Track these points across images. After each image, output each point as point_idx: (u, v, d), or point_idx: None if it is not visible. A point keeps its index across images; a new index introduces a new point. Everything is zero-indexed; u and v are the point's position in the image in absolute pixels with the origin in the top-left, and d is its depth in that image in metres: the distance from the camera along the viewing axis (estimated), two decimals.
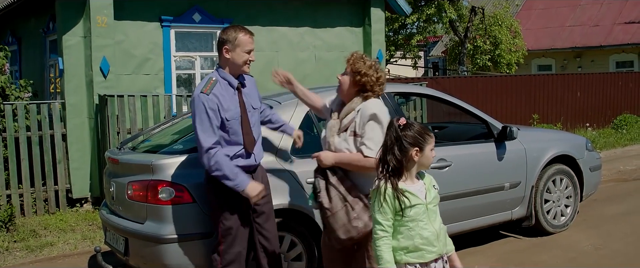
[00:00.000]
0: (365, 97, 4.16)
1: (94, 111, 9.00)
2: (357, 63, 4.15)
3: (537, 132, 8.00)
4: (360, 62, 4.15)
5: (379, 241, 3.23)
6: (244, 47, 4.27)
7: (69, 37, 8.99)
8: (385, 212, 3.22)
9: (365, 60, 4.18)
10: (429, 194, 3.31)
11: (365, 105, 4.11)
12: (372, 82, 4.14)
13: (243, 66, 4.31)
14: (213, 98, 4.15)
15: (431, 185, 3.35)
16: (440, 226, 3.34)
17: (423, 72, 34.42)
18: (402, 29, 24.66)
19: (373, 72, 4.15)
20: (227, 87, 4.27)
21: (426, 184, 3.34)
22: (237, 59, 4.28)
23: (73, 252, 6.97)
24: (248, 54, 4.30)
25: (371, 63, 4.20)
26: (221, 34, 4.35)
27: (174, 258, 4.58)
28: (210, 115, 4.12)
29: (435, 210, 3.32)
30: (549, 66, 27.10)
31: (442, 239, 3.32)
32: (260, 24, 10.62)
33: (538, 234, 6.77)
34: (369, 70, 4.14)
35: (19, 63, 12.10)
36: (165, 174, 4.58)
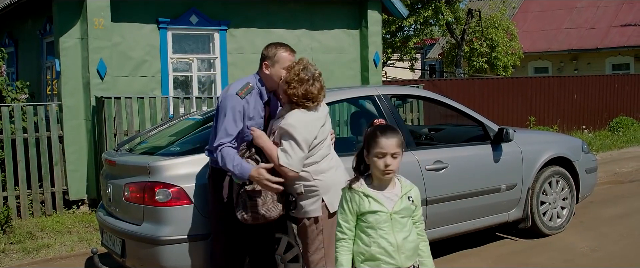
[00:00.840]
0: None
1: (90, 113, 8.99)
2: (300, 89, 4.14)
3: (533, 134, 8.02)
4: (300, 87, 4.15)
5: (337, 243, 3.18)
6: (283, 63, 4.32)
7: (66, 39, 8.99)
8: (345, 213, 3.16)
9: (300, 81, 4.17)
10: (398, 204, 3.14)
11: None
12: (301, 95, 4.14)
13: (279, 82, 4.34)
14: (244, 103, 4.25)
15: (406, 196, 3.17)
16: (407, 239, 3.14)
17: (420, 74, 34.46)
18: (399, 31, 24.72)
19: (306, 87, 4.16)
20: (257, 96, 4.36)
21: (401, 194, 3.17)
22: (275, 75, 4.34)
23: (70, 253, 6.97)
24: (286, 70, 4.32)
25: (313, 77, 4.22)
26: (263, 50, 4.47)
27: (170, 260, 4.58)
28: (236, 118, 4.21)
29: (403, 221, 3.14)
30: (546, 68, 27.16)
31: (405, 252, 3.12)
32: (257, 26, 10.63)
33: (534, 236, 6.78)
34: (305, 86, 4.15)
35: (15, 65, 12.09)
36: (162, 176, 4.59)
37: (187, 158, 4.77)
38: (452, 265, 5.97)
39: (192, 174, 4.63)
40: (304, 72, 4.15)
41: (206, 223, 4.55)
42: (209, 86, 10.58)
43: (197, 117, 6.02)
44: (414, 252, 3.20)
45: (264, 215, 4.12)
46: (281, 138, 4.08)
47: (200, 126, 5.67)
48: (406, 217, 3.16)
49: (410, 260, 3.17)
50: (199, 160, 4.71)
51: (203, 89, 10.57)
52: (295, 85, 4.12)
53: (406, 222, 3.16)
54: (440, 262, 5.88)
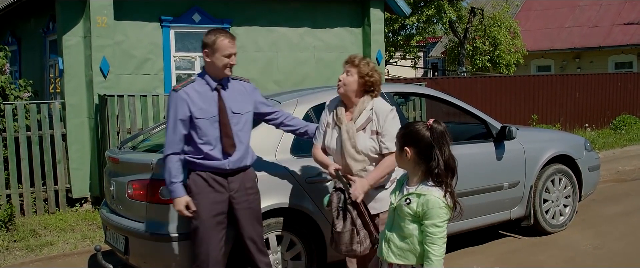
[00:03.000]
0: (372, 96, 4.33)
1: (93, 111, 9.01)
2: (365, 66, 4.30)
3: (536, 132, 8.02)
4: (366, 65, 4.31)
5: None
6: (223, 51, 4.26)
7: (69, 37, 9.00)
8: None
9: (369, 63, 4.35)
10: (397, 200, 3.23)
11: (378, 104, 4.31)
12: (378, 82, 4.34)
13: (224, 70, 4.30)
14: (182, 94, 4.22)
15: (406, 197, 3.17)
16: (401, 238, 3.19)
17: (422, 72, 34.45)
18: (401, 29, 24.68)
19: (377, 74, 4.35)
20: (204, 86, 4.30)
21: (406, 193, 3.20)
22: (217, 63, 4.28)
23: (73, 251, 6.99)
24: (228, 57, 4.28)
25: (373, 65, 4.39)
26: (203, 38, 4.37)
27: (174, 257, 4.59)
28: (177, 111, 4.20)
29: (402, 220, 3.18)
30: (548, 67, 27.14)
31: (392, 248, 3.22)
32: (259, 24, 10.64)
33: (537, 234, 6.78)
34: (374, 72, 4.33)
35: (18, 63, 12.11)
36: None
37: None
38: (454, 262, 5.97)
39: None
40: (371, 62, 4.41)
41: None
42: None
43: None
44: (410, 254, 3.17)
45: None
46: (384, 124, 4.25)
47: None
48: (407, 218, 3.15)
49: (399, 259, 3.19)
50: None
51: None
52: (376, 74, 4.35)
53: (407, 223, 3.15)
54: None
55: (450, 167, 3.13)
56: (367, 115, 4.29)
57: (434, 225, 3.06)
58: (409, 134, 3.20)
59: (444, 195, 3.09)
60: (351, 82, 4.31)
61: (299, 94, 5.46)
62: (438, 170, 3.09)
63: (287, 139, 5.02)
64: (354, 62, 4.32)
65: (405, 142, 3.19)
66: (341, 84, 4.35)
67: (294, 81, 10.77)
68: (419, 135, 3.15)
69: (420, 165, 3.16)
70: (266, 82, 10.64)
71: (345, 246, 4.24)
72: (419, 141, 3.14)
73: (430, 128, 3.14)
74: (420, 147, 3.13)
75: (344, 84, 4.33)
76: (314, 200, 4.93)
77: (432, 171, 3.11)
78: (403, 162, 3.23)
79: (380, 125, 4.25)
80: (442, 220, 3.07)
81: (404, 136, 3.22)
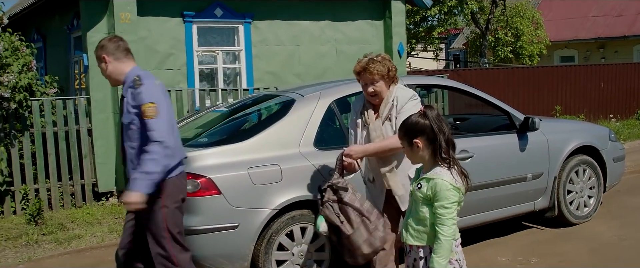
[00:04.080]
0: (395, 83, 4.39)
1: (118, 106, 9.11)
2: (384, 66, 4.25)
3: (560, 123, 7.98)
4: (384, 63, 4.27)
5: None
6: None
7: (93, 34, 9.11)
8: None
9: (384, 58, 4.33)
10: (412, 186, 3.43)
11: (400, 92, 4.33)
12: (394, 69, 4.33)
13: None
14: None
15: (417, 181, 3.37)
16: (417, 220, 3.37)
17: (444, 64, 34.29)
18: (423, 21, 24.61)
19: (389, 62, 4.32)
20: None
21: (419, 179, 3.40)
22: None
23: (100, 244, 7.10)
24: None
25: (380, 57, 4.35)
26: (106, 42, 4.32)
27: (199, 250, 4.65)
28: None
29: (416, 203, 3.37)
30: (572, 57, 26.87)
31: (409, 230, 3.41)
32: (280, 18, 10.68)
33: (561, 225, 6.76)
34: (387, 63, 4.29)
35: (44, 60, 12.27)
36: (191, 166, 4.66)
37: (215, 149, 4.84)
38: (477, 254, 5.98)
39: (220, 165, 4.70)
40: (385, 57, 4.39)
41: (234, 212, 4.62)
42: (234, 78, 10.66)
43: (223, 109, 6.09)
44: (425, 235, 3.36)
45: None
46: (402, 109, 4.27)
47: (226, 118, 5.74)
48: (420, 202, 3.33)
49: (415, 241, 3.39)
50: (227, 152, 4.79)
51: (228, 81, 10.65)
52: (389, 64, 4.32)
53: (420, 206, 3.33)
54: (466, 251, 5.82)
55: (451, 142, 3.35)
56: (389, 105, 4.30)
57: (443, 207, 3.23)
58: (411, 127, 3.36)
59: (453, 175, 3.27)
60: (382, 89, 4.28)
61: (322, 87, 5.49)
62: (443, 149, 3.29)
63: (310, 132, 5.06)
64: (374, 69, 4.23)
65: (412, 136, 3.35)
66: (375, 96, 4.31)
67: (315, 74, 10.80)
68: (420, 124, 3.33)
69: (428, 150, 3.33)
70: (287, 75, 10.69)
71: (367, 242, 4.13)
72: (424, 129, 3.31)
73: (425, 114, 3.33)
74: (427, 134, 3.31)
75: (376, 94, 4.30)
76: None
77: (439, 151, 3.29)
78: (415, 155, 3.39)
79: (397, 109, 4.24)
80: (450, 202, 3.24)
81: (408, 132, 3.38)
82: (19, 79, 8.20)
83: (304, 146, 5.03)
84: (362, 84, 4.33)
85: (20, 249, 6.98)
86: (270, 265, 4.82)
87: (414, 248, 3.42)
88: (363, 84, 4.32)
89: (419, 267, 3.39)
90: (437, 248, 3.22)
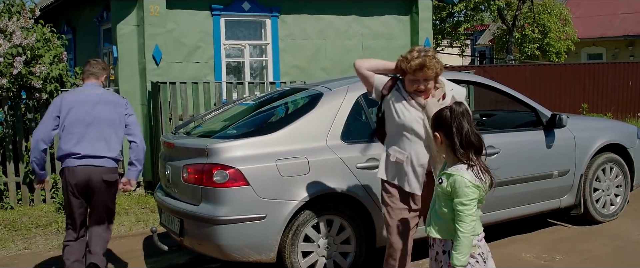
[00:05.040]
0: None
1: (146, 98, 9.23)
2: (439, 62, 4.14)
3: (587, 120, 7.94)
4: (437, 59, 4.15)
5: None
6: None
7: (123, 26, 9.23)
8: None
9: (433, 52, 4.19)
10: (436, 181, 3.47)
11: (456, 89, 4.37)
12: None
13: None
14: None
15: (439, 176, 3.43)
16: (439, 214, 3.41)
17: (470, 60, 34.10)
18: (449, 17, 24.54)
19: (437, 62, 4.18)
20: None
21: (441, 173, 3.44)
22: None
23: (128, 233, 7.22)
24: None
25: (431, 49, 4.23)
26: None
27: (227, 239, 4.72)
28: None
29: (440, 197, 3.39)
30: (600, 55, 26.58)
31: (432, 224, 3.46)
32: (307, 12, 10.72)
33: (586, 223, 6.73)
34: (436, 63, 4.15)
35: (73, 51, 12.45)
36: (220, 158, 4.73)
37: (244, 141, 4.90)
38: (502, 250, 5.97)
39: (249, 156, 4.76)
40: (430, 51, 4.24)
41: (262, 204, 4.69)
42: (261, 71, 10.73)
43: (249, 102, 6.15)
44: (445, 230, 3.40)
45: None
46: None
47: (253, 111, 5.80)
48: (441, 196, 3.38)
49: (438, 234, 3.42)
50: (256, 143, 4.85)
51: (255, 74, 10.73)
52: (437, 64, 4.20)
53: (441, 200, 3.38)
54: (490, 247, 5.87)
55: (472, 144, 3.30)
56: (451, 94, 4.19)
57: (461, 203, 3.25)
58: (436, 119, 3.43)
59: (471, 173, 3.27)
60: (433, 86, 4.19)
61: (349, 81, 5.52)
62: (458, 147, 3.29)
63: (337, 125, 5.09)
64: (431, 67, 4.08)
65: (435, 128, 3.42)
66: (424, 92, 4.17)
67: (341, 69, 10.83)
68: (442, 118, 3.37)
69: (448, 146, 3.35)
70: (314, 69, 10.74)
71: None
72: (444, 123, 3.35)
73: (451, 109, 3.35)
74: (446, 129, 3.33)
75: (427, 91, 4.17)
76: (363, 186, 5.01)
77: (456, 149, 3.30)
78: (437, 147, 3.47)
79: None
80: (468, 199, 3.25)
81: (433, 122, 3.45)
82: (51, 69, 8.35)
83: (331, 139, 5.07)
84: (413, 79, 4.12)
85: (50, 236, 7.12)
86: (296, 256, 4.88)
87: (437, 241, 3.45)
88: (414, 79, 4.11)
89: (441, 260, 3.42)
90: (457, 245, 3.24)
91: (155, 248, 5.62)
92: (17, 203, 8.40)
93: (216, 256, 4.97)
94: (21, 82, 8.13)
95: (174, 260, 6.09)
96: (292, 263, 4.86)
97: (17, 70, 7.86)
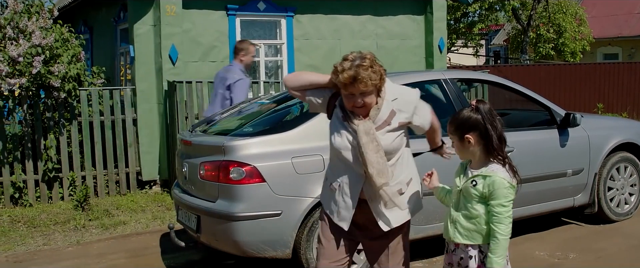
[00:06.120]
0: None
1: (163, 97, 9.33)
2: (376, 72, 3.29)
3: (601, 119, 7.95)
4: (375, 68, 3.29)
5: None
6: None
7: (140, 26, 9.33)
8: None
9: (372, 60, 3.31)
10: (463, 183, 3.32)
11: (397, 90, 3.47)
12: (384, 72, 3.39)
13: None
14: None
15: (471, 179, 3.27)
16: (467, 218, 3.28)
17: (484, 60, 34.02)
18: (463, 17, 24.50)
19: (381, 66, 3.37)
20: None
21: (471, 176, 3.30)
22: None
23: (145, 230, 7.31)
24: None
25: (370, 55, 3.36)
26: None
27: (243, 235, 4.80)
28: None
29: (468, 201, 3.28)
30: (616, 55, 26.45)
31: (459, 229, 3.30)
32: (322, 12, 10.78)
33: (601, 222, 6.75)
34: (380, 67, 3.35)
35: (90, 51, 12.57)
36: (237, 155, 4.80)
37: (260, 138, 4.97)
38: (516, 248, 5.99)
39: (265, 154, 4.83)
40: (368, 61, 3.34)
41: (278, 200, 4.75)
42: (276, 71, 10.80)
43: (265, 101, 6.22)
44: (476, 234, 3.28)
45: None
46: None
47: (269, 109, 5.87)
48: (472, 199, 3.27)
49: (466, 239, 3.29)
50: (271, 141, 4.92)
51: (270, 73, 10.80)
52: (379, 68, 3.35)
53: (473, 204, 3.27)
54: None
55: (504, 140, 3.30)
56: (390, 107, 3.38)
57: (501, 205, 3.18)
58: (464, 122, 3.29)
59: (507, 172, 3.22)
60: (373, 100, 3.34)
61: None
62: (495, 145, 3.24)
63: None
64: (363, 81, 3.23)
65: (464, 131, 3.28)
66: (364, 108, 3.34)
67: None
68: (472, 119, 3.26)
69: (480, 146, 3.27)
70: (328, 69, 10.58)
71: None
72: (477, 125, 3.25)
73: (478, 109, 3.27)
74: (480, 129, 3.25)
75: (365, 106, 3.33)
76: None
77: (492, 147, 3.24)
78: (465, 151, 3.32)
79: (407, 112, 3.41)
80: (508, 200, 3.19)
81: (459, 127, 3.30)
82: (69, 69, 8.46)
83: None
84: (346, 94, 3.32)
85: (68, 233, 7.23)
86: (312, 252, 4.93)
87: (461, 246, 3.33)
88: (347, 94, 3.31)
89: (467, 265, 3.31)
90: (496, 248, 3.17)
91: (172, 244, 5.71)
92: (35, 200, 8.53)
93: (233, 252, 5.04)
94: (40, 81, 8.25)
95: (191, 256, 6.17)
96: (308, 259, 4.92)
97: (37, 69, 7.98)
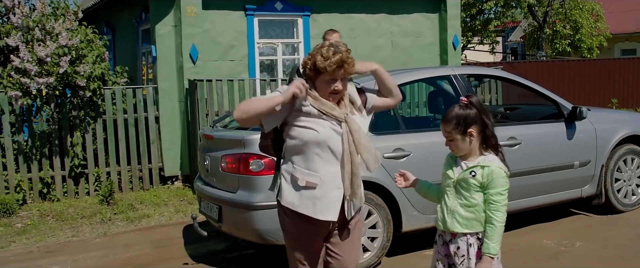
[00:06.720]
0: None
1: (184, 95, 9.62)
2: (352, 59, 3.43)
3: (609, 112, 8.11)
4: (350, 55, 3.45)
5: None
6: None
7: (161, 27, 9.64)
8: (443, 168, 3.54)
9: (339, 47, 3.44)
10: (460, 174, 3.39)
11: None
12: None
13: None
14: None
15: (470, 169, 3.37)
16: (465, 207, 3.38)
17: (501, 57, 34.04)
18: (479, 14, 24.56)
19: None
20: None
21: (467, 167, 3.40)
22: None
23: (168, 222, 7.62)
24: None
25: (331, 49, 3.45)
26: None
27: (263, 224, 5.07)
28: None
29: (465, 191, 3.38)
30: (634, 50, 26.37)
31: (457, 218, 3.38)
32: (338, 11, 11.02)
33: (608, 212, 6.93)
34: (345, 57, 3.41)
35: (113, 51, 12.91)
36: (256, 148, 5.04)
37: None
38: (524, 237, 6.21)
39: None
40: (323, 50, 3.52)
41: None
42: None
43: None
44: (475, 222, 3.40)
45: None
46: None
47: None
48: (470, 189, 3.39)
49: (465, 228, 3.41)
50: None
51: (287, 71, 11.05)
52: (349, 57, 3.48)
53: (472, 193, 3.39)
54: (512, 234, 6.15)
55: (495, 131, 3.44)
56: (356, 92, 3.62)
57: (498, 194, 3.34)
58: (465, 118, 3.38)
59: (500, 162, 3.38)
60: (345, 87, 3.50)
61: None
62: (492, 134, 3.39)
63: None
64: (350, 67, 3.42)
65: (466, 126, 3.38)
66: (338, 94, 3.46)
67: None
68: (471, 115, 3.38)
69: (480, 138, 3.41)
70: None
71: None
72: (475, 119, 3.37)
73: (472, 103, 3.39)
74: (479, 123, 3.38)
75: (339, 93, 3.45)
76: (390, 175, 5.29)
77: (488, 138, 3.40)
78: (467, 145, 3.41)
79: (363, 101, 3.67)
80: (505, 189, 3.36)
81: (461, 123, 3.39)
82: (93, 69, 8.79)
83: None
84: (328, 80, 3.39)
85: (95, 226, 7.56)
86: None
87: (459, 235, 3.43)
88: (330, 79, 3.39)
89: (465, 253, 3.42)
90: (492, 234, 3.31)
91: (194, 235, 6.00)
92: (63, 195, 8.88)
93: (253, 240, 5.31)
94: (67, 80, 8.58)
95: (213, 246, 6.46)
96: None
97: (63, 69, 8.31)
